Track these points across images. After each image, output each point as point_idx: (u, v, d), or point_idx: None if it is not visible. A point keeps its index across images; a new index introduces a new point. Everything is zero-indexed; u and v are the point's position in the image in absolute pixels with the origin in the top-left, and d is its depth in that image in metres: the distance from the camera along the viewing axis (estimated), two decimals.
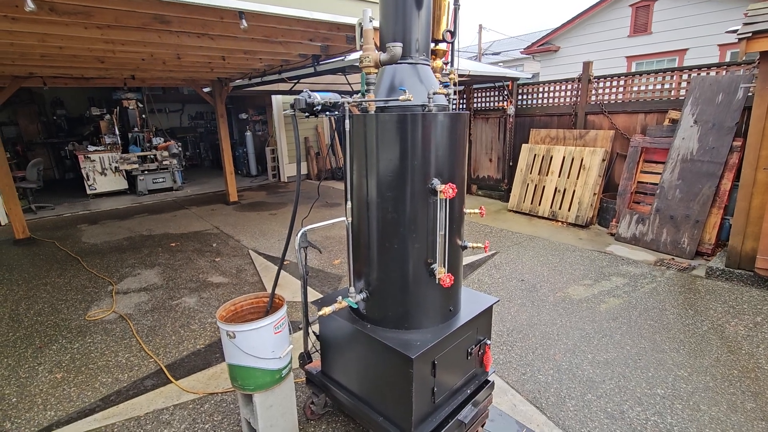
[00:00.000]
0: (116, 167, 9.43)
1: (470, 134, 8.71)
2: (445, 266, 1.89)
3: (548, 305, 3.84)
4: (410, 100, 1.75)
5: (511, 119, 7.75)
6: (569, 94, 6.93)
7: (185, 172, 11.55)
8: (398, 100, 1.75)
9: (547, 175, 6.89)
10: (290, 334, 2.21)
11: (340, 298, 2.02)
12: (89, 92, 11.84)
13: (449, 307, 2.03)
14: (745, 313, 3.61)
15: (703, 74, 5.36)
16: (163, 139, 10.61)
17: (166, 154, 9.86)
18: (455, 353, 2.04)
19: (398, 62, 1.87)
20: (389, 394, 1.94)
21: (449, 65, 2.27)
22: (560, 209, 6.60)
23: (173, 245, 5.89)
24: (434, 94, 1.79)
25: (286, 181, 11.19)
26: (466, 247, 2.11)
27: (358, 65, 1.91)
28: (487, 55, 19.87)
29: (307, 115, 1.89)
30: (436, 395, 1.94)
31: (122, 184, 9.66)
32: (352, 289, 2.05)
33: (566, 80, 6.96)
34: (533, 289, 4.20)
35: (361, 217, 1.96)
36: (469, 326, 2.08)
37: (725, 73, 5.21)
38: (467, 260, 4.98)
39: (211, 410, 2.60)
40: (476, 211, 2.20)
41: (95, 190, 9.32)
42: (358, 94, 1.94)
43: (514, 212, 7.28)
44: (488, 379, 2.30)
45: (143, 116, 10.56)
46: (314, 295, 4.16)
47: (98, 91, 11.52)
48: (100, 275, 4.82)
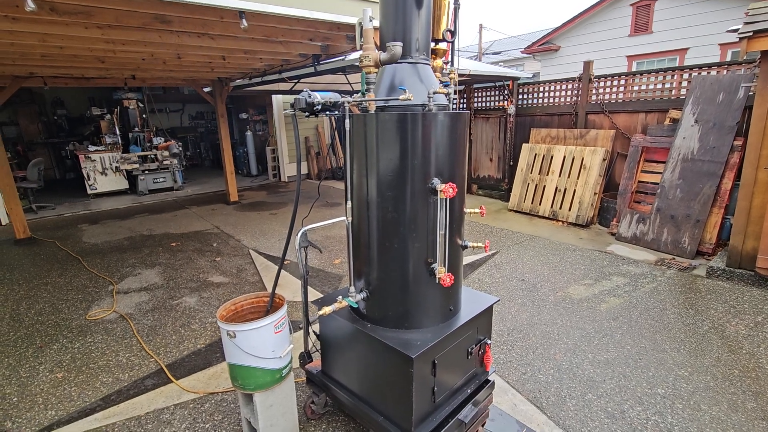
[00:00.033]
0: (117, 167, 9.44)
1: (471, 134, 8.70)
2: (445, 266, 1.89)
3: (549, 305, 3.84)
4: (410, 99, 1.74)
5: (511, 119, 7.74)
6: (570, 93, 6.92)
7: (186, 171, 11.56)
8: (398, 99, 1.75)
9: (547, 174, 6.88)
10: (290, 333, 2.21)
11: (340, 297, 2.02)
12: (90, 92, 11.86)
13: (449, 306, 2.03)
14: (745, 312, 3.61)
15: (703, 73, 5.35)
16: (163, 138, 10.62)
17: (166, 153, 9.87)
18: (455, 353, 2.03)
19: (398, 62, 1.87)
20: (389, 393, 1.94)
21: (449, 65, 2.27)
22: (561, 209, 6.60)
23: (174, 245, 5.89)
24: (434, 93, 1.79)
25: (286, 180, 11.19)
26: (466, 246, 2.11)
27: (358, 65, 1.90)
28: (487, 54, 19.86)
29: (307, 114, 1.89)
30: (436, 395, 1.94)
31: (123, 183, 9.68)
32: (352, 288, 2.05)
33: (567, 80, 6.96)
34: (534, 288, 4.20)
35: (361, 216, 1.95)
36: (469, 326, 2.08)
37: (726, 72, 5.20)
38: (468, 260, 4.98)
39: (211, 410, 2.60)
40: (476, 210, 2.20)
41: (96, 189, 9.33)
42: (358, 93, 1.94)
43: (514, 212, 7.28)
44: (488, 378, 2.30)
45: (144, 116, 10.57)
46: (315, 294, 4.16)
47: (99, 90, 11.53)
48: (100, 275, 4.83)
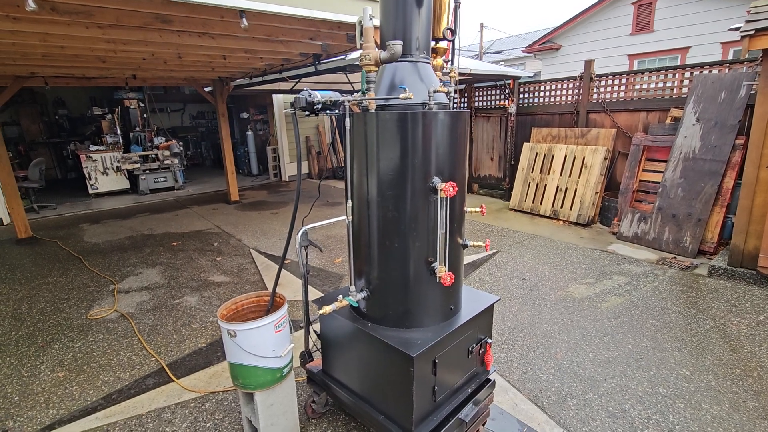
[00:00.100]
0: (118, 167, 9.45)
1: (471, 133, 8.70)
2: (445, 265, 1.89)
3: (549, 304, 3.84)
4: (411, 98, 1.74)
5: (512, 118, 7.73)
6: (571, 92, 6.91)
7: (186, 171, 11.56)
8: (398, 98, 1.75)
9: (548, 173, 6.87)
10: (291, 332, 2.22)
11: (340, 296, 2.02)
12: (91, 92, 11.87)
13: (450, 305, 2.03)
14: (747, 311, 3.60)
15: (705, 72, 5.34)
16: (164, 138, 10.63)
17: (167, 153, 9.88)
18: (456, 352, 2.03)
19: (398, 60, 1.87)
20: (390, 392, 1.94)
21: (450, 63, 2.27)
22: (562, 208, 6.59)
23: (175, 244, 5.90)
24: (435, 92, 1.78)
25: (287, 180, 11.20)
26: (466, 245, 2.11)
27: (358, 64, 1.90)
28: (488, 54, 19.84)
29: (307, 113, 1.89)
30: (436, 394, 1.93)
31: (124, 183, 9.69)
32: (352, 287, 2.05)
33: (568, 79, 6.94)
34: (534, 287, 4.19)
35: (361, 215, 1.95)
36: (469, 325, 2.07)
37: (728, 71, 5.19)
38: (468, 259, 4.97)
39: (212, 409, 2.61)
40: (477, 209, 2.20)
41: (97, 189, 9.35)
42: (358, 92, 1.93)
43: (515, 211, 7.27)
44: (489, 377, 2.29)
45: (145, 116, 10.58)
46: (315, 294, 4.16)
47: (100, 90, 11.55)
48: (101, 274, 4.84)
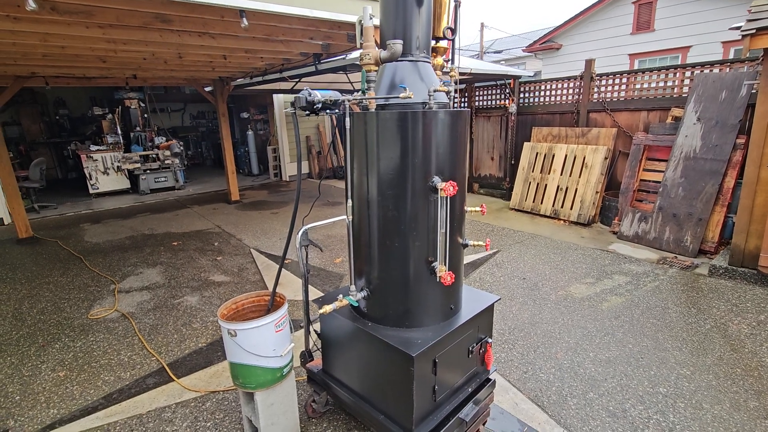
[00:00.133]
0: (118, 166, 9.46)
1: (472, 132, 8.69)
2: (446, 264, 1.89)
3: (550, 304, 3.83)
4: (411, 97, 1.74)
5: (513, 117, 7.73)
6: (571, 91, 6.91)
7: (187, 171, 11.58)
8: (399, 97, 1.75)
9: (549, 173, 6.87)
10: (291, 332, 2.21)
11: (341, 296, 2.02)
12: (91, 92, 11.88)
13: (450, 305, 2.03)
14: (748, 311, 3.59)
15: (706, 71, 5.33)
16: (165, 138, 10.63)
17: (168, 153, 9.89)
18: (456, 351, 2.03)
19: (399, 59, 1.87)
20: (390, 392, 1.94)
21: (450, 63, 2.26)
22: (562, 207, 6.58)
23: (175, 244, 5.90)
24: (435, 91, 1.78)
25: (287, 180, 11.20)
26: (467, 245, 2.11)
27: (358, 63, 1.90)
28: (488, 53, 19.83)
29: (307, 113, 1.89)
30: (437, 393, 1.93)
31: (124, 183, 9.70)
32: (353, 287, 2.05)
33: (568, 78, 6.94)
34: (535, 287, 4.19)
35: (361, 215, 1.95)
36: (470, 324, 2.07)
37: (729, 70, 5.18)
38: (469, 259, 4.97)
39: (212, 408, 2.61)
40: (477, 209, 2.20)
41: (98, 189, 9.35)
42: (359, 92, 1.93)
43: (515, 211, 7.27)
44: (489, 377, 2.29)
45: (145, 116, 10.58)
46: (316, 293, 4.16)
47: (100, 90, 11.55)
48: (102, 274, 4.84)
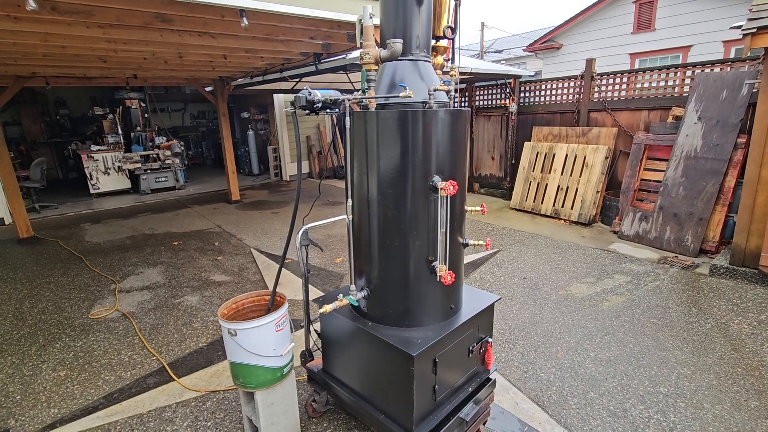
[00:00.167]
0: (119, 166, 9.47)
1: (472, 132, 8.69)
2: (446, 264, 1.88)
3: (550, 303, 3.83)
4: (411, 96, 1.74)
5: (513, 117, 7.72)
6: (572, 91, 6.90)
7: (187, 171, 11.59)
8: (399, 96, 1.75)
9: (549, 172, 6.86)
10: (292, 332, 2.21)
11: (341, 295, 2.02)
12: (92, 92, 11.89)
13: (450, 304, 2.03)
14: (749, 311, 3.59)
15: (707, 71, 5.32)
16: (165, 138, 10.64)
17: (168, 153, 9.90)
18: (457, 351, 2.03)
19: (399, 59, 1.86)
20: (390, 391, 1.94)
21: (450, 62, 2.26)
22: (563, 207, 6.58)
23: (176, 244, 5.90)
24: (435, 90, 1.78)
25: (288, 180, 11.20)
26: (467, 244, 2.10)
27: (358, 62, 1.89)
28: (489, 53, 19.82)
29: (307, 112, 1.89)
30: (437, 393, 1.93)
31: (125, 183, 9.70)
32: (353, 286, 2.05)
33: (569, 77, 6.93)
34: (535, 287, 4.18)
35: (362, 214, 1.95)
36: (470, 324, 2.07)
37: (729, 69, 5.17)
38: (469, 258, 4.97)
39: (213, 408, 2.61)
40: (477, 208, 2.20)
41: (98, 189, 9.36)
42: (359, 91, 1.93)
43: (516, 210, 7.26)
44: (490, 377, 2.29)
45: (146, 115, 10.59)
46: (316, 293, 4.16)
47: (101, 90, 11.56)
48: (103, 274, 4.84)
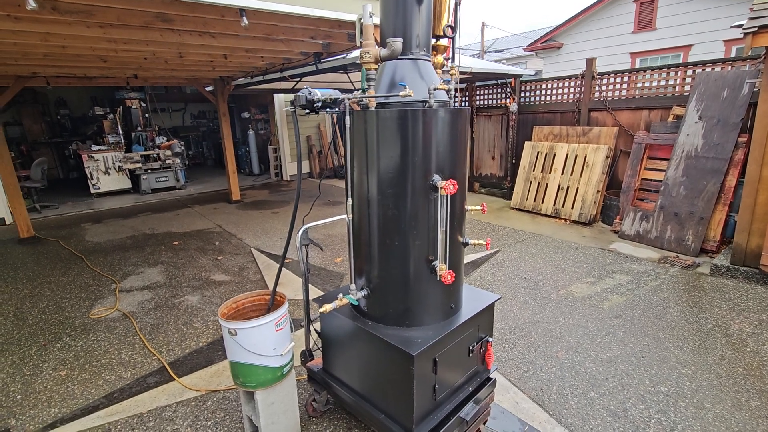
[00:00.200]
0: (119, 166, 9.47)
1: (473, 132, 8.68)
2: (446, 263, 1.88)
3: (551, 303, 3.83)
4: (411, 95, 1.73)
5: (513, 116, 7.71)
6: (572, 90, 6.89)
7: (188, 171, 11.59)
8: (398, 95, 1.74)
9: (550, 172, 6.86)
10: (292, 331, 2.21)
11: (341, 295, 2.01)
12: (92, 92, 11.90)
13: (450, 304, 2.03)
14: (750, 310, 3.58)
15: (707, 70, 5.31)
16: (166, 138, 10.65)
17: (169, 153, 9.90)
18: (457, 350, 2.03)
19: (398, 58, 1.86)
20: (391, 391, 1.94)
21: (450, 61, 2.26)
22: (563, 207, 6.57)
23: (176, 244, 5.90)
24: (435, 89, 1.78)
25: (288, 179, 11.20)
26: (467, 243, 2.10)
27: (358, 62, 1.89)
28: (489, 52, 19.80)
29: (307, 111, 1.89)
30: (437, 392, 1.93)
31: (125, 183, 9.71)
32: (353, 286, 2.05)
33: (569, 77, 6.92)
34: (536, 286, 4.18)
35: (361, 214, 1.95)
36: (470, 323, 2.07)
37: (730, 68, 5.16)
38: (470, 258, 4.97)
39: (213, 407, 2.61)
40: (478, 208, 2.20)
41: (99, 189, 9.37)
42: (359, 91, 1.93)
43: (516, 210, 7.26)
44: (490, 376, 2.29)
45: (146, 115, 10.60)
46: (316, 292, 4.16)
47: (101, 90, 11.57)
48: (103, 274, 4.85)
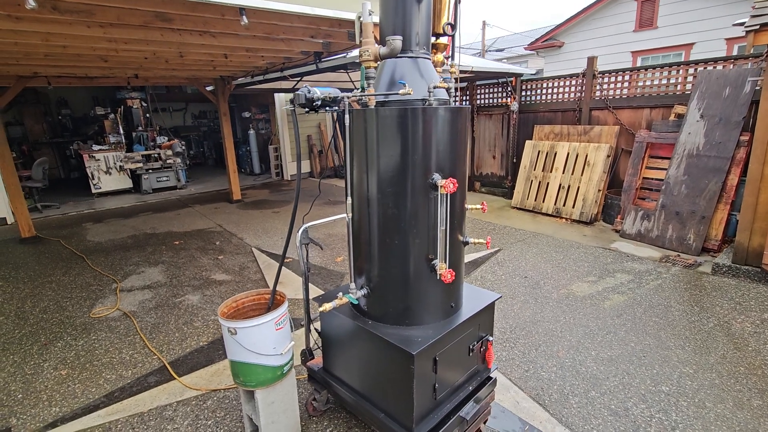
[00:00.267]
0: (121, 166, 9.49)
1: (473, 131, 8.67)
2: (446, 262, 1.88)
3: (552, 302, 3.82)
4: (410, 94, 1.73)
5: (514, 115, 7.70)
6: (573, 89, 6.87)
7: (189, 170, 11.59)
8: (398, 94, 1.74)
9: (551, 171, 6.84)
10: (292, 330, 2.21)
11: (340, 294, 2.01)
12: (93, 92, 11.91)
13: (450, 303, 2.02)
14: (752, 309, 3.57)
15: (709, 68, 5.29)
16: (166, 137, 10.66)
17: (169, 152, 9.91)
18: (457, 350, 2.02)
19: (398, 56, 1.85)
20: (391, 390, 1.94)
21: (450, 59, 2.25)
22: (564, 206, 6.56)
23: (177, 243, 5.91)
24: (435, 88, 1.77)
25: (289, 179, 11.20)
26: (467, 242, 2.10)
27: (358, 60, 1.88)
28: (490, 51, 19.77)
29: (307, 110, 1.88)
30: (437, 392, 1.93)
31: (126, 182, 9.72)
32: (353, 285, 2.04)
33: (570, 76, 6.90)
34: (536, 285, 4.17)
35: (361, 213, 1.94)
36: (470, 322, 2.06)
37: (732, 66, 5.14)
38: (470, 257, 4.96)
39: (213, 406, 2.61)
40: (478, 206, 2.19)
41: (100, 188, 9.38)
42: (358, 89, 1.92)
43: (517, 209, 7.25)
44: (490, 375, 2.28)
45: (147, 115, 10.60)
46: (316, 292, 4.16)
47: (102, 90, 11.58)
48: (104, 273, 4.85)
